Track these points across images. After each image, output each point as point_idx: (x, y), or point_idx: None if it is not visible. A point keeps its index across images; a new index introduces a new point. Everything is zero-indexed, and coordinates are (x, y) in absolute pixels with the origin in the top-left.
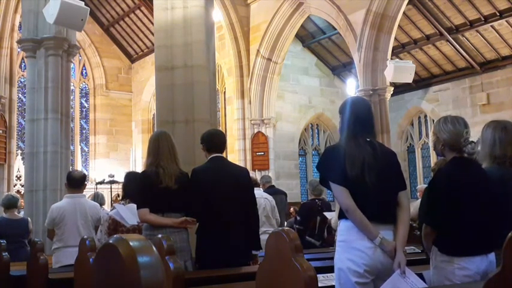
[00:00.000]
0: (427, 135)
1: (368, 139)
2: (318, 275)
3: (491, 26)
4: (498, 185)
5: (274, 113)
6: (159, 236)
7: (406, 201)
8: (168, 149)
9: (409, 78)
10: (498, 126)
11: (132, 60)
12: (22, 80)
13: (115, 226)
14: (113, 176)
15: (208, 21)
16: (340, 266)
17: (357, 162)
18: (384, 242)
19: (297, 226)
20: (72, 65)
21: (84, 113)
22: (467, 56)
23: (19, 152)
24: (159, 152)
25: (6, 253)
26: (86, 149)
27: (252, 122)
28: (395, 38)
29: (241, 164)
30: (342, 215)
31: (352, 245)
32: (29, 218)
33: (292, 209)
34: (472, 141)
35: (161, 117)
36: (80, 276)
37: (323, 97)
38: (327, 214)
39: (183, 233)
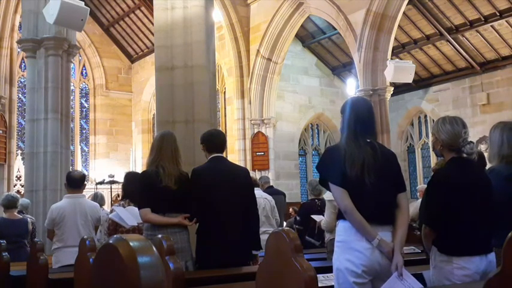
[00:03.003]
0: (427, 135)
1: (368, 140)
2: (318, 275)
3: (491, 26)
4: (504, 183)
5: (274, 113)
6: (160, 236)
7: (405, 203)
8: (171, 151)
9: (409, 78)
10: (506, 126)
11: (132, 60)
12: (22, 80)
13: (115, 226)
14: (113, 176)
15: (208, 21)
16: (338, 266)
17: (357, 163)
18: (382, 243)
19: (296, 226)
20: (72, 65)
21: (84, 113)
22: (467, 56)
23: (19, 152)
24: (161, 151)
25: (6, 253)
26: (86, 149)
27: (252, 122)
28: (395, 38)
29: (241, 164)
30: (340, 216)
31: (350, 246)
32: (29, 219)
33: (291, 209)
34: (471, 142)
35: (161, 117)
36: (80, 276)
37: (323, 97)
38: (315, 217)
39: (184, 233)
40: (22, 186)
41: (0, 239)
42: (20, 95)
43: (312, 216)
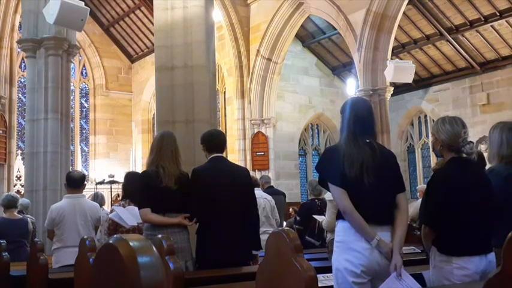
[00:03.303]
0: (427, 135)
1: (368, 140)
2: (318, 275)
3: (491, 26)
4: (503, 183)
5: (274, 113)
6: (160, 236)
7: (404, 203)
8: (171, 151)
9: (409, 78)
10: (505, 126)
11: (132, 60)
12: (22, 80)
13: (115, 226)
14: (113, 176)
15: (208, 21)
16: (338, 267)
17: (356, 163)
18: (381, 244)
19: (296, 226)
20: (72, 65)
21: (84, 113)
22: (467, 56)
23: (19, 152)
24: (161, 151)
25: (6, 253)
26: (86, 149)
27: (252, 122)
28: (395, 38)
29: (241, 164)
30: (339, 216)
31: (349, 246)
32: (29, 219)
33: (291, 209)
34: (471, 142)
35: (161, 117)
36: (80, 276)
37: (323, 97)
38: (317, 217)
39: (184, 233)
40: (22, 186)
41: (0, 239)
42: (20, 95)
43: (314, 216)
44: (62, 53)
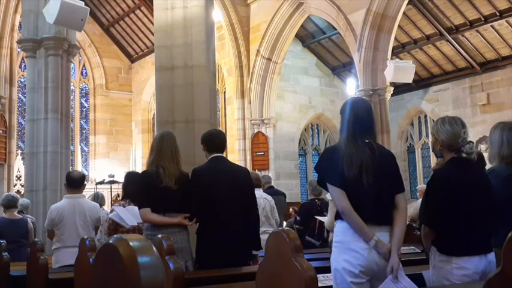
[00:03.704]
0: (427, 135)
1: (367, 140)
2: (318, 275)
3: (491, 26)
4: (504, 184)
5: (274, 113)
6: (160, 236)
7: (403, 204)
8: (171, 151)
9: (409, 78)
10: (506, 126)
11: (132, 60)
12: (22, 80)
13: (115, 226)
14: (113, 176)
15: (208, 21)
16: (336, 267)
17: (355, 164)
18: (379, 244)
19: (296, 226)
20: (72, 65)
21: (84, 113)
22: (467, 56)
23: (19, 152)
24: (161, 152)
25: (6, 253)
26: (86, 149)
27: (252, 122)
28: (395, 38)
29: (241, 164)
30: (338, 216)
31: (348, 246)
32: (29, 219)
33: (291, 209)
34: (470, 141)
35: (161, 117)
36: (80, 276)
37: (323, 97)
38: (319, 218)
39: (184, 233)
40: (22, 186)
41: (0, 239)
42: (20, 95)
43: (317, 217)
44: (62, 53)
